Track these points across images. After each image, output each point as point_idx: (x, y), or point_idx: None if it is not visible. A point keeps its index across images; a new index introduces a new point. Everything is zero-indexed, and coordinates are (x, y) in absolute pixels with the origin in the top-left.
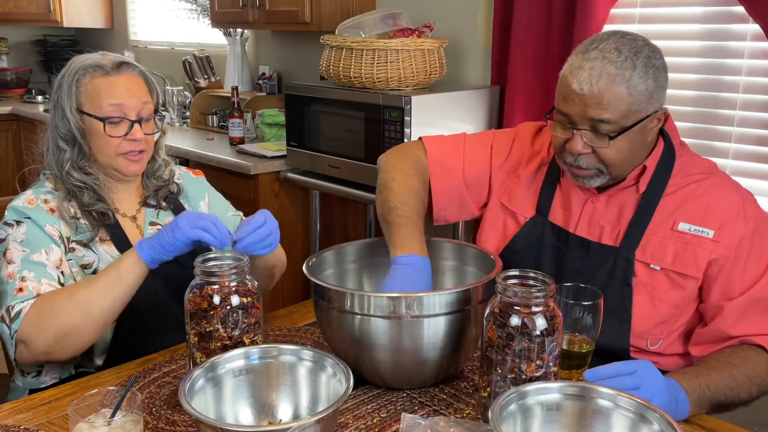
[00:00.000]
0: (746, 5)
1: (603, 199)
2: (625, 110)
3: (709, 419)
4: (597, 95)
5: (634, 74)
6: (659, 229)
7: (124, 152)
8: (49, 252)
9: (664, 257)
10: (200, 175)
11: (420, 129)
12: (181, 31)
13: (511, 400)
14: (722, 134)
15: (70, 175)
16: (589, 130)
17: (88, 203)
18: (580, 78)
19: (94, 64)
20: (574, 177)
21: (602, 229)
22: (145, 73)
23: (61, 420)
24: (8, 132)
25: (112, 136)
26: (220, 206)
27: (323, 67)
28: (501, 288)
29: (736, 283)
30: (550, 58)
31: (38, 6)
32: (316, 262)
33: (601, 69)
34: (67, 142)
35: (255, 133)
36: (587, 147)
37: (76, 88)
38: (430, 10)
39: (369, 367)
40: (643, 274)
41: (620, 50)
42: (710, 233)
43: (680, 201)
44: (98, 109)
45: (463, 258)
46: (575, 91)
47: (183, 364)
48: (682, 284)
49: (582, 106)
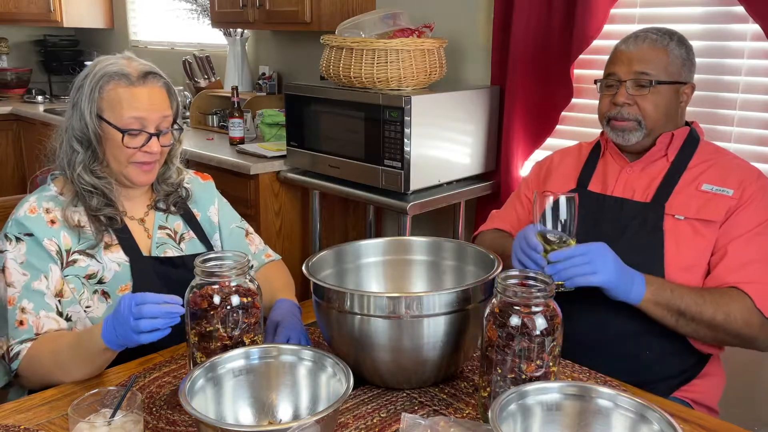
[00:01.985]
0: (746, 5)
1: (637, 168)
2: (663, 67)
3: (709, 419)
4: (641, 53)
5: (672, 42)
6: (686, 189)
7: (137, 162)
8: (48, 276)
9: (688, 209)
10: (209, 180)
11: (420, 129)
12: (181, 31)
13: (511, 400)
14: (722, 134)
15: (81, 177)
16: (633, 80)
17: (96, 207)
18: (627, 42)
19: (120, 72)
20: (616, 133)
21: (634, 191)
22: (169, 84)
23: (61, 420)
24: (8, 132)
25: (129, 147)
26: (228, 215)
27: (323, 67)
28: (501, 288)
29: (741, 225)
30: (550, 58)
31: (38, 6)
32: (316, 262)
33: (644, 36)
34: (82, 143)
35: (255, 133)
36: (630, 98)
37: (98, 94)
38: (430, 10)
39: (369, 367)
40: (670, 224)
41: (660, 30)
42: (730, 192)
43: (704, 170)
44: (119, 119)
45: (463, 258)
46: (623, 51)
47: (183, 364)
48: (702, 232)
49: (628, 63)
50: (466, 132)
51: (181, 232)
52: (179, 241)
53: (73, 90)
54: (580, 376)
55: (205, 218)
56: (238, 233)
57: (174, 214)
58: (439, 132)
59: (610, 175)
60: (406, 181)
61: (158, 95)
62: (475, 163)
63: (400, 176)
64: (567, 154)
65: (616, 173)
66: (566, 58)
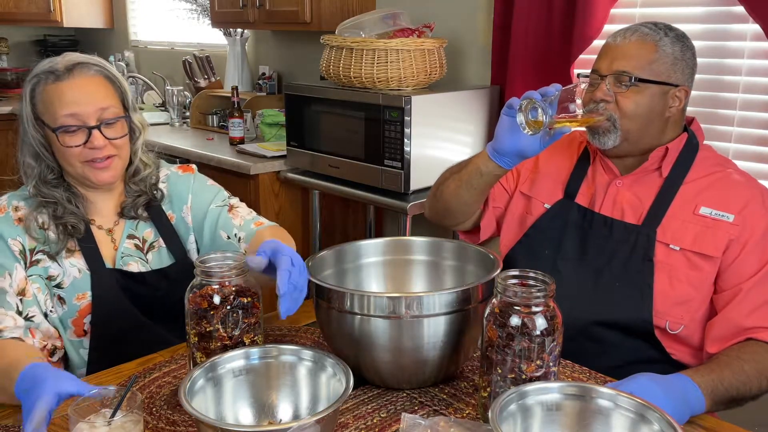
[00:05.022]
0: (746, 5)
1: (627, 181)
2: (647, 63)
3: (709, 419)
4: (625, 48)
5: (665, 38)
6: (681, 212)
7: (87, 160)
8: (12, 274)
9: (683, 238)
10: (189, 171)
11: (420, 129)
12: (181, 31)
13: (511, 400)
14: (722, 134)
15: (38, 190)
16: (614, 76)
17: (59, 216)
18: (615, 35)
19: (47, 70)
20: (591, 134)
21: (624, 210)
22: (107, 72)
23: (61, 420)
24: (8, 132)
25: (69, 146)
26: (203, 200)
27: (323, 67)
28: (501, 288)
29: (752, 265)
30: (550, 58)
31: (38, 6)
32: (316, 262)
33: (635, 29)
34: (34, 157)
35: (255, 133)
36: (609, 95)
37: (30, 98)
38: (430, 10)
39: (369, 367)
40: (663, 254)
41: (657, 25)
42: (730, 217)
43: (702, 188)
44: (53, 119)
45: (463, 258)
46: (609, 44)
47: (183, 364)
48: (699, 265)
49: (611, 58)
50: (466, 132)
51: (150, 240)
52: (147, 251)
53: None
54: (580, 376)
55: (180, 220)
56: (217, 213)
57: (145, 220)
58: (440, 132)
59: (598, 187)
60: (406, 181)
61: (90, 85)
62: None
63: (400, 176)
64: (557, 149)
65: (604, 186)
66: (566, 58)
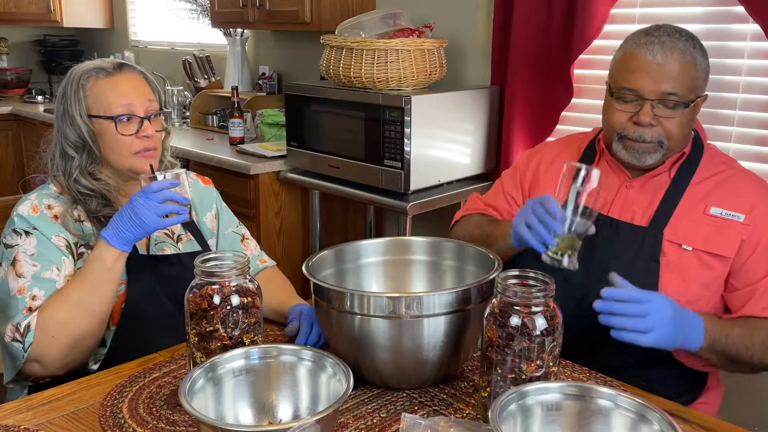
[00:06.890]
0: (746, 5)
1: (637, 184)
2: (691, 85)
3: (709, 419)
4: (669, 68)
5: (697, 53)
6: (691, 213)
7: (138, 150)
8: (61, 267)
9: (695, 238)
10: (210, 185)
11: (420, 129)
12: (181, 31)
13: (511, 400)
14: (722, 134)
15: (78, 183)
16: (660, 101)
17: (94, 210)
18: (653, 50)
19: (96, 68)
20: (630, 153)
21: (633, 213)
22: (145, 73)
23: (61, 420)
24: (8, 132)
25: (124, 134)
26: (225, 220)
27: (323, 67)
28: (501, 288)
29: (765, 264)
30: (550, 58)
31: (38, 6)
32: (315, 262)
33: (672, 44)
34: (77, 148)
35: (255, 133)
36: (656, 119)
37: (82, 93)
38: (430, 10)
39: (369, 367)
40: (674, 254)
41: (680, 32)
42: (741, 217)
43: (710, 188)
44: (107, 110)
45: (463, 258)
46: (649, 61)
47: (183, 364)
48: (711, 265)
49: (655, 79)
50: (466, 132)
51: (178, 233)
52: (177, 241)
53: (57, 101)
54: (580, 376)
55: (202, 222)
56: (232, 238)
57: None
58: (439, 132)
59: (607, 189)
60: (406, 181)
61: (138, 81)
62: (475, 163)
63: (400, 176)
64: (560, 153)
65: (614, 188)
66: (566, 58)
